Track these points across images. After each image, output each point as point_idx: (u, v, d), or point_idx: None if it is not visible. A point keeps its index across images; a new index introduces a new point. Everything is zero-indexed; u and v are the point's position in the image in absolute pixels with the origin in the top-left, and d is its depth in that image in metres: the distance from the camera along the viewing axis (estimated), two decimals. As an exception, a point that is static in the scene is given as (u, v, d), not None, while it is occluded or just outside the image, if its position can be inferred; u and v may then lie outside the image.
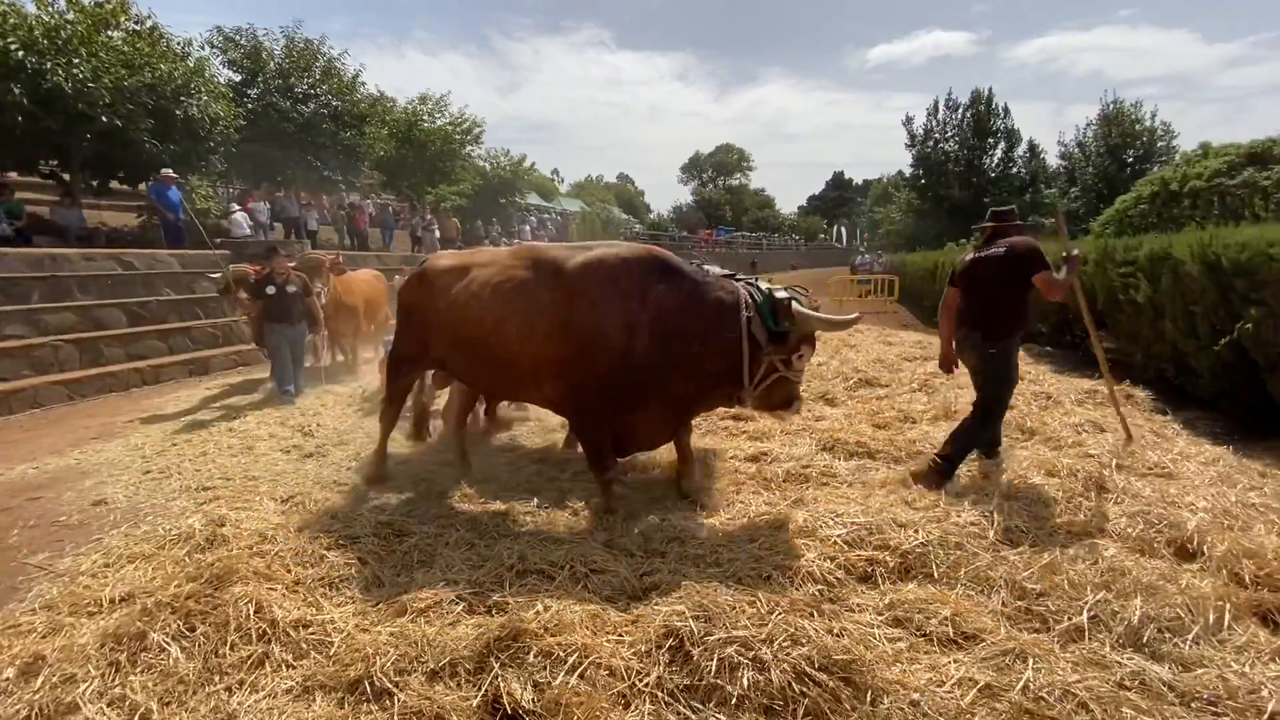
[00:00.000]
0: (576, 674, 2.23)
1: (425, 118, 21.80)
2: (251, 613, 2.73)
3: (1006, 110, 25.51)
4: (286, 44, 16.46)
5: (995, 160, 25.60)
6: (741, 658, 2.31)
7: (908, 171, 29.48)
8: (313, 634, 2.69)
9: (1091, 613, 2.68)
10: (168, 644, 2.62)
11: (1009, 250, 3.92)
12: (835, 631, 2.47)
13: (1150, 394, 6.32)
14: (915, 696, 2.23)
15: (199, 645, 2.62)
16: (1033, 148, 25.36)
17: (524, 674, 2.27)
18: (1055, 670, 2.37)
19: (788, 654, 2.32)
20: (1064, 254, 4.06)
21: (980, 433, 4.11)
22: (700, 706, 2.22)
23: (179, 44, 12.89)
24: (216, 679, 2.48)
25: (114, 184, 13.04)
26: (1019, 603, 2.83)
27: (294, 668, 2.54)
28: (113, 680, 2.47)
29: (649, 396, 3.66)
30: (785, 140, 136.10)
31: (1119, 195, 19.37)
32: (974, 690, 2.27)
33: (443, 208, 23.49)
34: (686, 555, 3.21)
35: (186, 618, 2.74)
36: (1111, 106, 21.57)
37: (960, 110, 25.87)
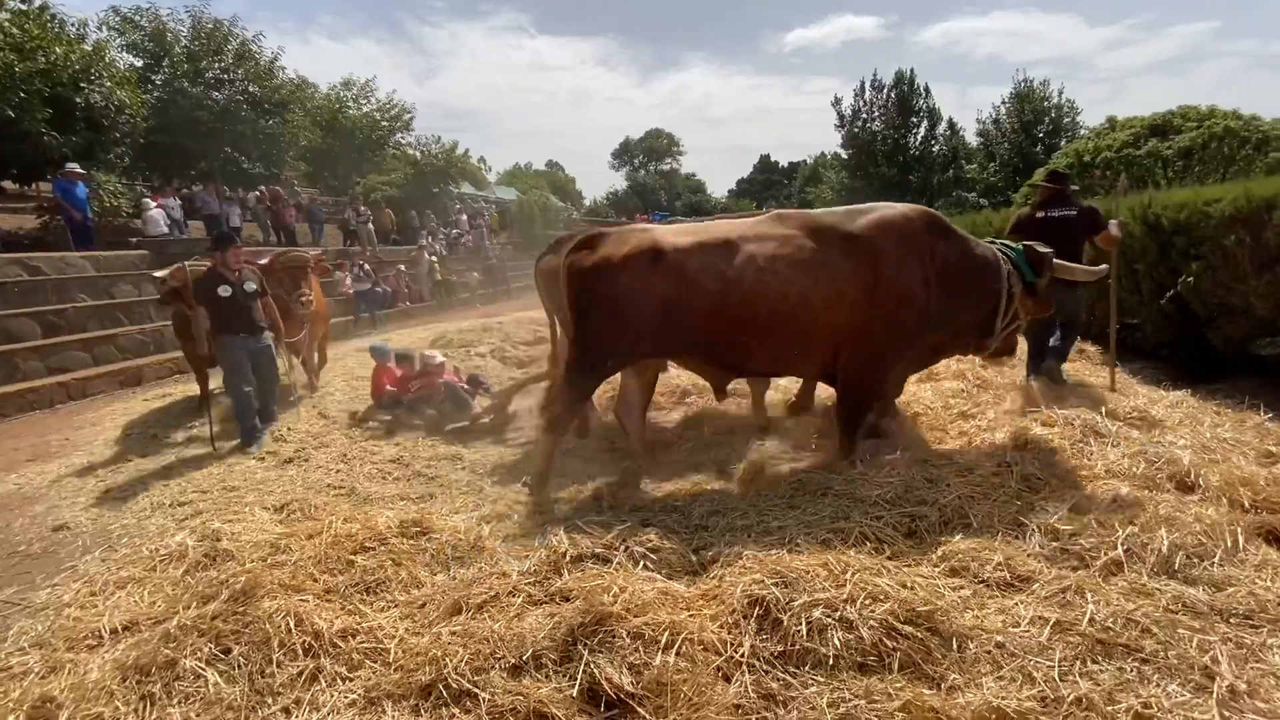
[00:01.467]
0: (673, 652, 2.17)
1: (350, 104, 20.63)
2: (292, 626, 2.52)
3: (927, 90, 26.76)
4: (193, 25, 15.10)
5: (919, 139, 26.82)
6: (829, 619, 2.32)
7: (831, 153, 30.56)
8: (363, 642, 2.52)
9: (1125, 546, 2.85)
10: (203, 669, 2.38)
11: (1084, 212, 4.83)
12: (908, 585, 2.51)
13: (1099, 348, 6.79)
14: (999, 639, 2.30)
15: (239, 667, 2.40)
16: (952, 126, 26.76)
17: (616, 658, 2.19)
18: (1110, 601, 2.51)
19: (872, 611, 2.34)
20: (1113, 217, 5.01)
21: (1071, 339, 5.28)
22: (797, 670, 2.21)
23: (73, 25, 11.59)
24: (269, 701, 2.28)
25: (4, 183, 11.67)
26: (1054, 544, 2.97)
27: (351, 680, 2.37)
28: (149, 715, 2.23)
29: (919, 349, 3.93)
30: (710, 125, 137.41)
31: (1033, 168, 20.70)
32: (1047, 627, 2.37)
33: (373, 198, 22.37)
34: (733, 527, 3.20)
35: (217, 639, 2.50)
36: (1023, 85, 23.07)
37: (885, 91, 26.89)
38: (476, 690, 2.19)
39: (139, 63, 14.55)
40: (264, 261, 6.22)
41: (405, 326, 14.03)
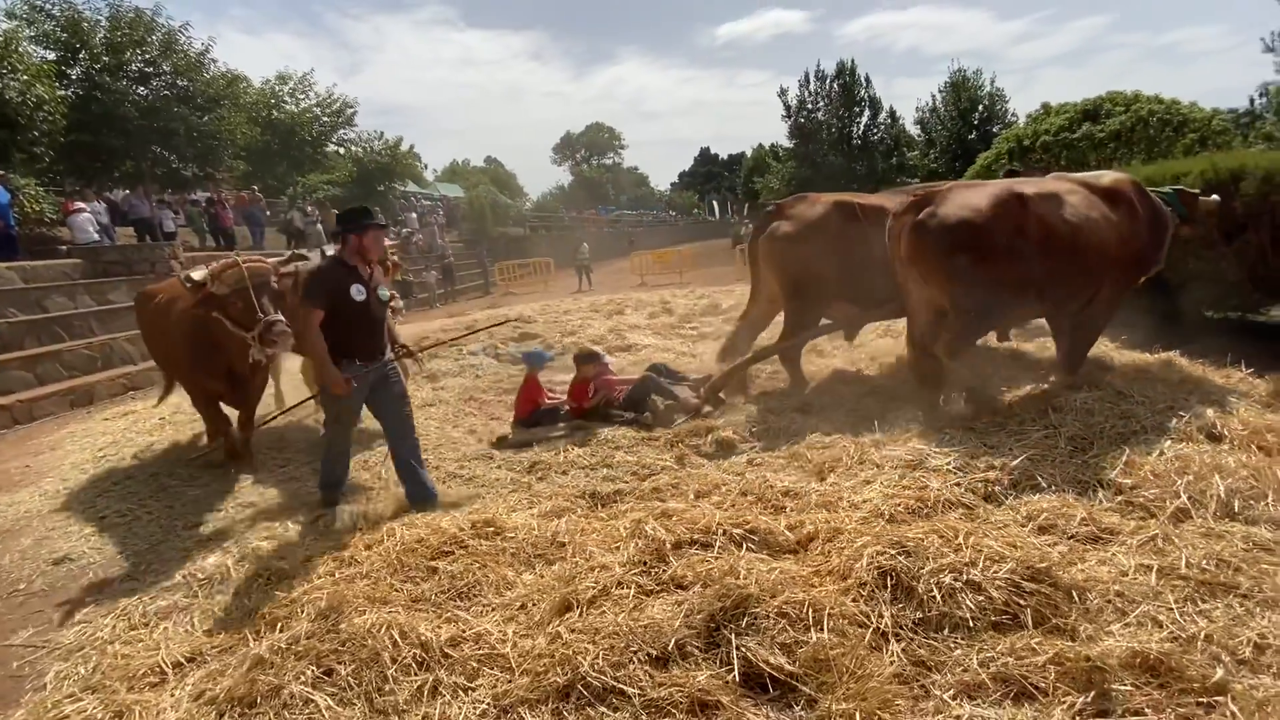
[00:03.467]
0: (824, 629, 2.15)
1: (286, 99, 19.53)
2: (398, 639, 2.36)
3: (868, 80, 27.69)
4: (112, 15, 13.91)
5: (862, 127, 27.68)
6: (957, 583, 2.35)
7: (770, 144, 31.03)
8: (476, 650, 2.38)
9: (1187, 495, 3.01)
10: (311, 694, 2.19)
11: None
12: (1016, 545, 2.57)
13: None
14: (1116, 588, 2.39)
15: (351, 688, 2.23)
16: (893, 114, 27.74)
17: (765, 639, 2.15)
18: (1196, 546, 2.64)
19: (995, 572, 2.39)
20: None
21: None
22: (938, 635, 2.23)
23: (-24, 13, 10.45)
24: (395, 720, 2.12)
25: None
26: (1119, 497, 3.12)
27: (473, 690, 2.24)
28: (267, 748, 2.03)
29: None
30: (647, 118, 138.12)
31: (970, 154, 21.67)
32: (1153, 574, 2.47)
33: (315, 198, 21.31)
34: (813, 505, 3.20)
35: (318, 661, 2.31)
36: (958, 74, 24.18)
37: (828, 81, 27.61)
38: (622, 686, 2.10)
39: (52, 55, 13.29)
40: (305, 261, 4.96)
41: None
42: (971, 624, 2.24)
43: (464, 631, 2.47)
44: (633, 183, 70.56)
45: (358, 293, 3.66)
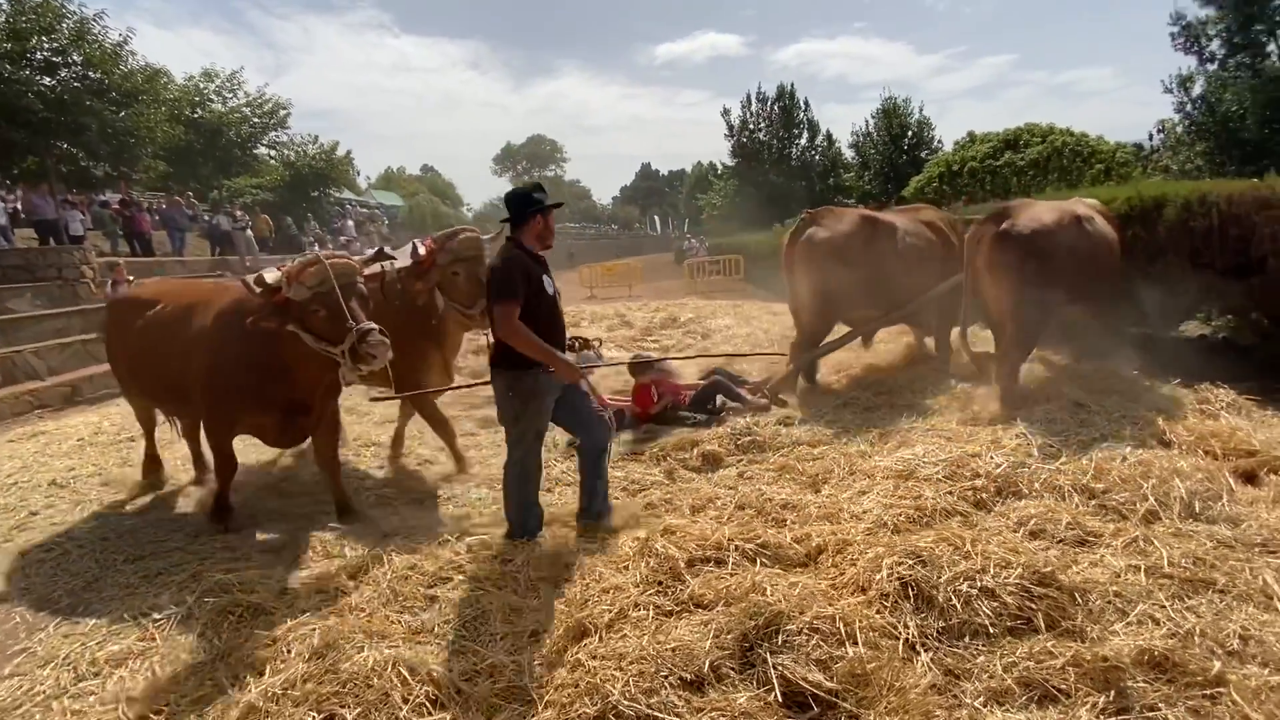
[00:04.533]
0: (858, 643, 2.14)
1: (212, 97, 18.38)
2: (406, 676, 2.19)
3: (807, 104, 28.90)
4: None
5: (800, 149, 28.78)
6: (972, 590, 2.41)
7: (708, 162, 31.86)
8: (493, 684, 2.25)
9: (1154, 497, 3.21)
10: (315, 743, 1.99)
11: None
12: (1017, 550, 2.66)
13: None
14: (1114, 588, 2.51)
15: (359, 732, 2.03)
16: (829, 137, 29.04)
17: (801, 657, 2.12)
18: (1173, 545, 2.82)
19: (1005, 578, 2.46)
20: None
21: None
22: (960, 642, 2.27)
23: None
24: (413, 765, 1.95)
25: None
26: (1092, 501, 3.30)
27: (496, 727, 2.10)
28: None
29: None
30: (588, 133, 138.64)
31: (902, 176, 22.91)
32: (1142, 574, 2.61)
33: (243, 202, 20.11)
34: (814, 517, 3.21)
35: (319, 706, 2.11)
36: (889, 101, 25.61)
37: (769, 103, 28.60)
38: (657, 714, 2.01)
39: (-59, 39, 12.02)
40: (423, 251, 4.10)
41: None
42: (991, 630, 2.29)
43: (476, 664, 2.33)
44: (575, 196, 70.47)
45: (549, 284, 3.18)
